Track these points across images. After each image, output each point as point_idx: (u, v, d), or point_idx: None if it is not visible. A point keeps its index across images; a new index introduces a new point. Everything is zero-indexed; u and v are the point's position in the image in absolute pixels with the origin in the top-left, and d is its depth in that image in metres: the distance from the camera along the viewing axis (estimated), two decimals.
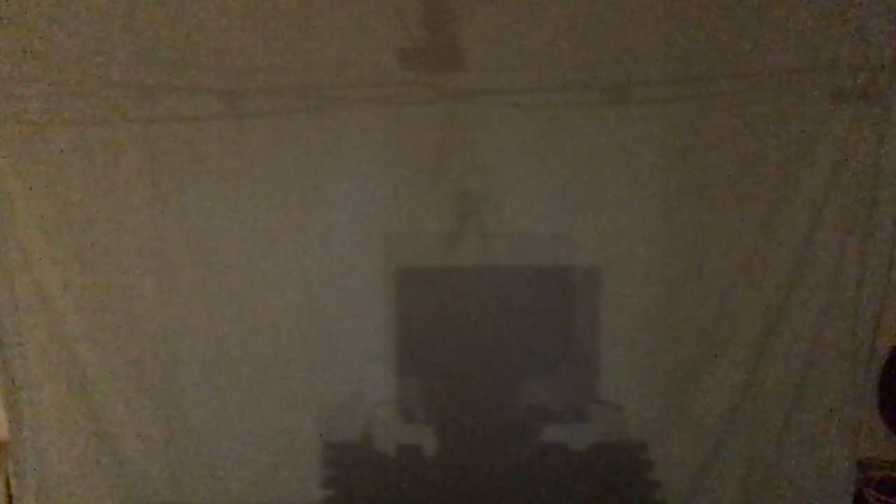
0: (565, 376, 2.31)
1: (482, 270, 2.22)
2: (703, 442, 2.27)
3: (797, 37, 2.02)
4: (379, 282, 2.21)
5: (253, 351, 2.23)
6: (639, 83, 2.07)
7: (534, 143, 2.13)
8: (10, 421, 2.21)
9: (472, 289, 2.24)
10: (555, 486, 2.32)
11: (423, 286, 2.24)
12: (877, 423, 2.27)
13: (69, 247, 2.12)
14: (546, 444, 2.31)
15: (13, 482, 2.25)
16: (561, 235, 2.20)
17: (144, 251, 2.15)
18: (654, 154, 2.13)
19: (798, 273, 2.14)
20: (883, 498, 2.23)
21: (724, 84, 2.06)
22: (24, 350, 2.17)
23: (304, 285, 2.20)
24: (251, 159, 2.12)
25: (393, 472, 2.31)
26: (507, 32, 2.04)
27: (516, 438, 2.31)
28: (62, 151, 2.07)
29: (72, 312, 2.15)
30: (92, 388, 2.20)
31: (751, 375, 2.22)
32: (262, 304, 2.20)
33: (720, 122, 2.09)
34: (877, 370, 2.23)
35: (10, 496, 2.25)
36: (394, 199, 2.16)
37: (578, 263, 2.22)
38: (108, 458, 2.25)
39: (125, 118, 2.06)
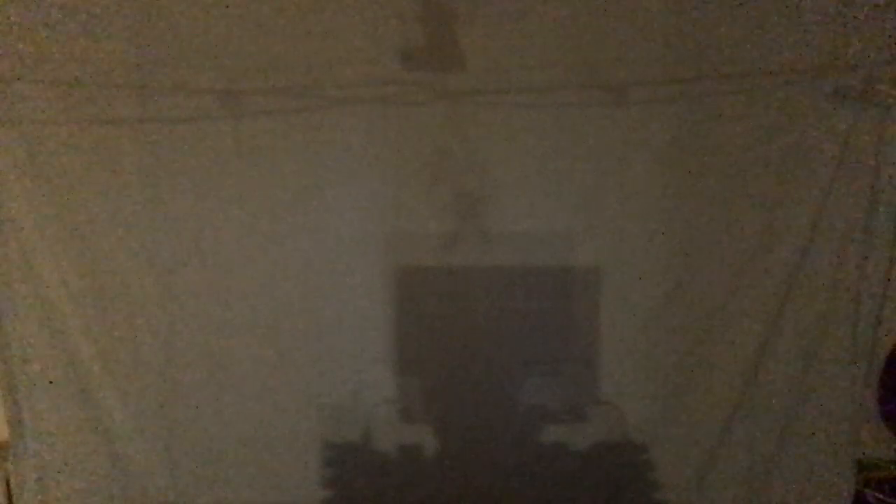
0: (565, 376, 2.31)
1: (482, 270, 2.22)
2: (703, 442, 2.27)
3: (797, 37, 2.02)
4: (379, 282, 2.21)
5: (253, 351, 2.22)
6: (639, 83, 2.07)
7: (534, 143, 2.13)
8: (10, 421, 2.21)
9: (472, 289, 2.23)
10: (555, 486, 2.32)
11: (423, 286, 2.24)
12: (877, 423, 2.27)
13: (69, 247, 2.12)
14: (546, 444, 2.31)
15: (13, 482, 2.25)
16: (561, 235, 2.20)
17: (144, 251, 2.15)
18: (654, 154, 2.13)
19: (798, 273, 2.14)
20: (883, 498, 2.23)
21: (724, 84, 2.06)
22: (24, 350, 2.17)
23: (303, 285, 2.19)
24: (250, 159, 2.11)
25: (393, 472, 2.31)
26: (507, 32, 2.04)
27: (516, 438, 2.31)
28: (62, 151, 2.07)
29: (72, 312, 2.15)
30: (92, 388, 2.20)
31: (751, 375, 2.22)
32: (261, 304, 2.20)
33: (720, 122, 2.09)
34: (877, 370, 2.23)
35: (10, 496, 2.25)
36: (394, 199, 2.16)
37: (578, 263, 2.22)
38: (108, 458, 2.25)
39: (125, 118, 2.06)
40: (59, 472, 2.25)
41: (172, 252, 2.16)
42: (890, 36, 2.00)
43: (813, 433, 2.24)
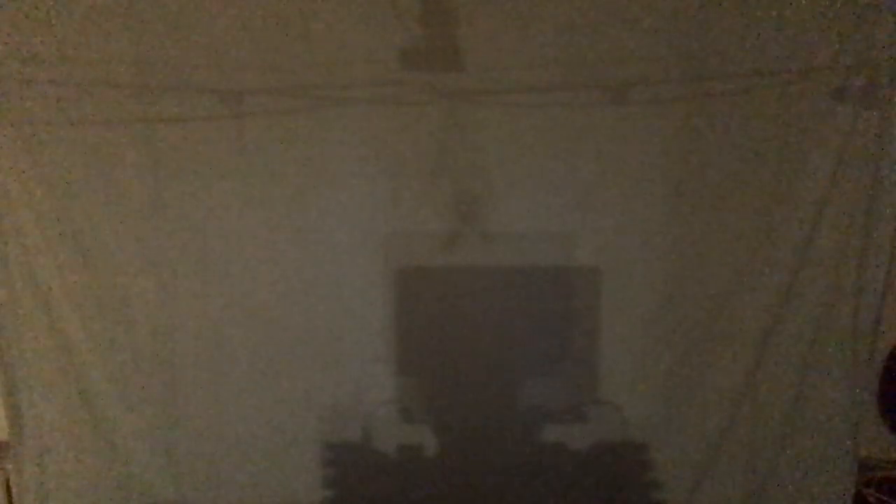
0: (565, 376, 2.31)
1: (482, 270, 2.22)
2: (703, 442, 2.27)
3: (797, 37, 2.02)
4: (379, 282, 2.21)
5: (253, 351, 2.23)
6: (639, 83, 2.07)
7: (534, 143, 2.13)
8: (10, 421, 2.21)
9: (472, 289, 2.24)
10: (555, 486, 2.32)
11: (423, 286, 2.24)
12: (877, 423, 2.27)
13: (69, 247, 2.12)
14: (546, 444, 2.31)
15: (13, 482, 2.25)
16: (561, 235, 2.20)
17: (144, 251, 2.15)
18: (654, 154, 2.13)
19: (798, 273, 2.14)
20: (883, 498, 2.23)
21: (724, 84, 2.06)
22: (24, 350, 2.17)
23: (303, 285, 2.20)
24: (251, 159, 2.11)
25: (393, 472, 2.31)
26: (507, 32, 2.04)
27: (516, 438, 2.31)
28: (62, 151, 2.07)
29: (72, 312, 2.15)
30: (92, 389, 2.20)
31: (751, 375, 2.22)
32: (261, 305, 2.20)
33: (720, 122, 2.09)
34: (877, 370, 2.23)
35: (10, 496, 2.25)
36: (394, 199, 2.16)
37: (578, 263, 2.22)
38: (108, 458, 2.25)
39: (125, 118, 2.06)
40: (59, 473, 2.25)
41: (172, 252, 2.16)
42: (890, 36, 2.00)
43: (813, 433, 2.24)
